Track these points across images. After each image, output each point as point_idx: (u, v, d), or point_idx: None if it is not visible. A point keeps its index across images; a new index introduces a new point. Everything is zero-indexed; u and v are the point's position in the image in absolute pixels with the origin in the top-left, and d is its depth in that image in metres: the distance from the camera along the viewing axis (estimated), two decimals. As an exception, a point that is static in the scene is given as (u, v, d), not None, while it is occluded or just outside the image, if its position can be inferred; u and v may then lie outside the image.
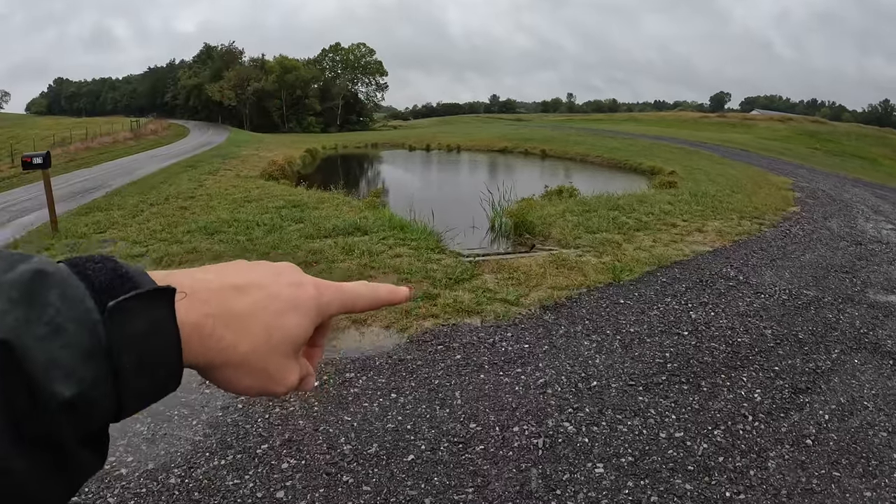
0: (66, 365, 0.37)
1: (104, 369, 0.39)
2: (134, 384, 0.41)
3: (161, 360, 0.43)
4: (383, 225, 10.48)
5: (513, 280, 7.39)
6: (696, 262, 8.70)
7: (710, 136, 47.73)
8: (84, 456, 0.40)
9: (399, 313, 6.22)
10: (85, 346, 0.38)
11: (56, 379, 0.36)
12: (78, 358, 0.38)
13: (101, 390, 0.39)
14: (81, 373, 0.38)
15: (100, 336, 0.39)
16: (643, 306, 6.69)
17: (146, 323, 0.42)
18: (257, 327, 0.50)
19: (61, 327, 0.37)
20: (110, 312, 0.40)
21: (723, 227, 11.20)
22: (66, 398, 0.37)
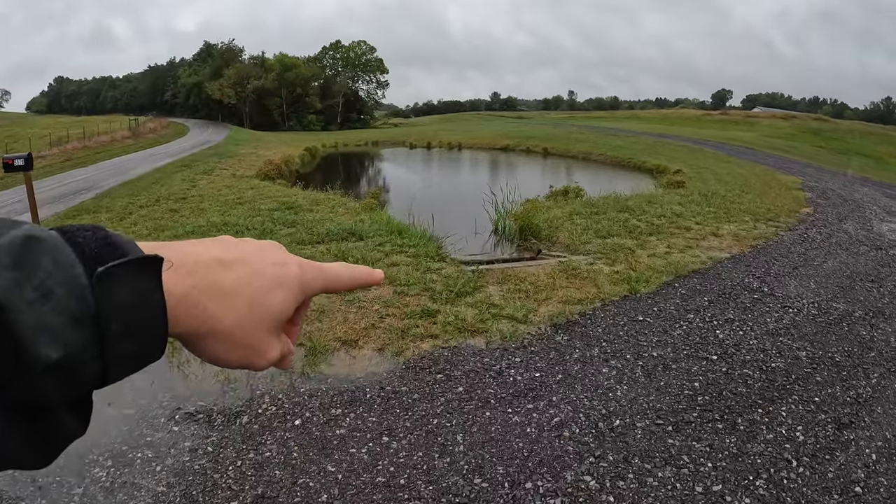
0: (55, 329, 0.37)
1: (92, 335, 0.40)
2: (120, 350, 0.42)
3: (147, 327, 0.43)
4: (380, 229, 9.87)
5: (520, 293, 6.76)
6: (715, 270, 8.09)
7: (714, 134, 47.18)
8: (68, 421, 0.41)
9: (395, 333, 5.62)
10: (74, 310, 0.39)
11: (43, 342, 0.37)
12: (66, 322, 0.38)
13: (88, 355, 0.40)
14: (69, 337, 0.38)
15: (88, 302, 0.39)
16: (664, 324, 6.05)
17: (134, 291, 0.42)
18: (242, 302, 0.51)
19: (51, 292, 0.38)
20: (98, 279, 0.40)
21: (738, 230, 10.61)
22: (52, 361, 0.37)
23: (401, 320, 5.95)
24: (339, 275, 0.61)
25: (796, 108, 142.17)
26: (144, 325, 0.43)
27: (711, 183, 17.90)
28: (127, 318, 0.41)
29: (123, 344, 0.42)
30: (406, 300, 6.48)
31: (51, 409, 0.39)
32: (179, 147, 36.54)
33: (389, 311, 6.17)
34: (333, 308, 6.28)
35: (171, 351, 5.35)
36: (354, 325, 5.83)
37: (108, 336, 0.40)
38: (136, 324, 0.42)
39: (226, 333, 0.50)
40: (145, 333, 0.43)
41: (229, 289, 0.50)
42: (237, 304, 0.50)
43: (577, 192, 15.78)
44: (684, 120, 74.69)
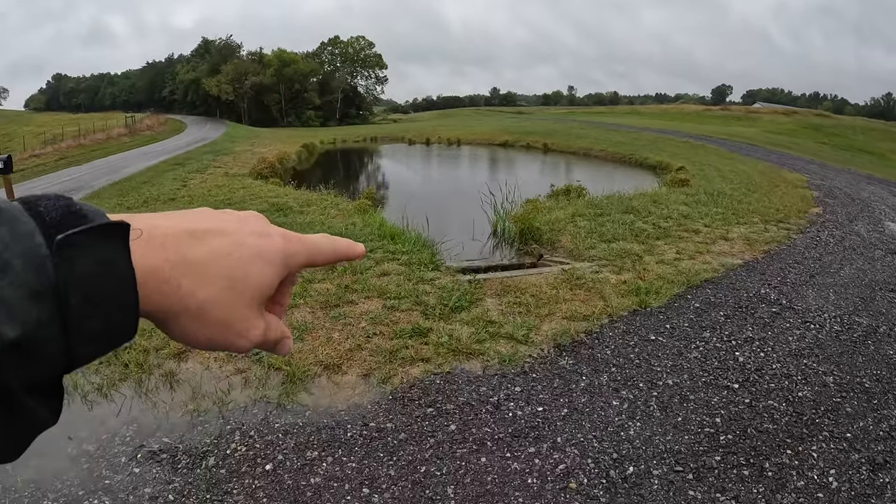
0: (11, 304, 0.35)
1: (51, 309, 0.37)
2: (84, 327, 0.38)
3: (114, 301, 0.40)
4: (372, 233, 9.37)
5: (520, 307, 6.24)
6: (728, 279, 7.58)
7: (715, 130, 46.77)
8: (34, 407, 0.38)
9: (383, 356, 5.10)
10: (32, 284, 0.36)
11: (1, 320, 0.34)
12: (23, 296, 0.35)
13: (48, 332, 0.37)
14: (26, 312, 0.35)
15: (48, 273, 0.37)
16: (679, 344, 5.53)
17: (97, 260, 0.39)
18: (218, 275, 0.46)
19: (8, 265, 0.35)
20: (58, 246, 0.37)
21: (749, 233, 10.11)
22: (10, 339, 0.34)
23: (390, 340, 5.43)
24: (322, 247, 0.55)
25: (796, 104, 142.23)
26: (110, 298, 0.39)
27: (716, 181, 17.45)
28: (90, 291, 0.38)
29: (87, 320, 0.38)
30: (396, 316, 5.96)
31: (11, 392, 0.36)
32: (175, 144, 36.12)
33: (378, 329, 5.65)
34: (317, 325, 5.78)
35: (138, 376, 4.89)
36: (339, 346, 5.32)
37: (69, 310, 0.37)
38: (100, 297, 0.39)
39: (201, 310, 0.45)
40: (111, 308, 0.39)
41: (204, 261, 0.45)
42: (214, 278, 0.46)
43: (579, 192, 15.23)
44: (685, 115, 74.41)
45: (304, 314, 6.08)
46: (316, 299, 6.43)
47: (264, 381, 4.75)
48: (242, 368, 4.97)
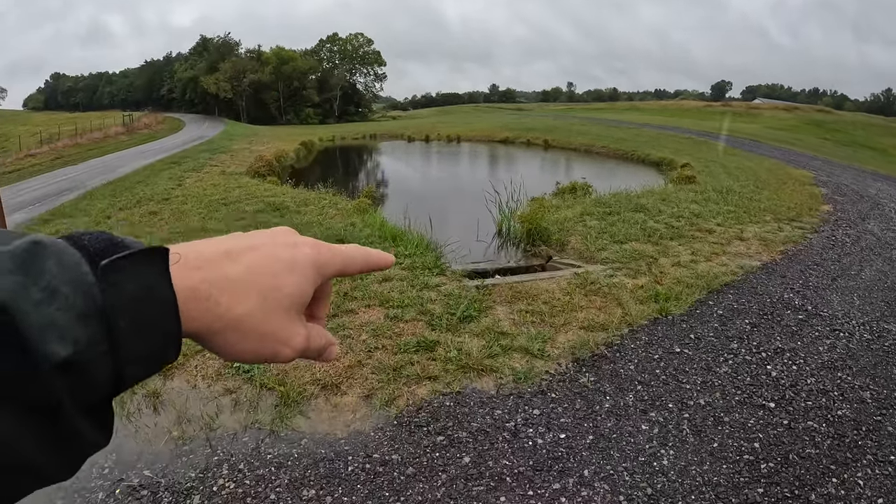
0: (62, 326, 0.37)
1: (99, 330, 0.38)
2: (130, 347, 0.40)
3: (157, 322, 0.42)
4: (372, 234, 8.95)
5: (533, 316, 5.80)
6: (749, 283, 7.17)
7: (716, 126, 46.25)
8: (85, 428, 0.39)
9: (386, 373, 4.68)
10: (80, 307, 0.38)
11: (51, 340, 0.36)
12: (73, 319, 0.37)
13: (97, 352, 0.38)
14: (76, 333, 0.37)
15: (95, 297, 0.39)
16: (706, 357, 5.09)
17: (140, 284, 0.41)
18: (254, 289, 0.48)
19: (57, 291, 0.37)
20: (103, 272, 0.39)
21: (763, 233, 9.73)
22: (61, 358, 0.36)
23: (393, 355, 4.99)
24: (353, 257, 0.56)
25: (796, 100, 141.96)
26: (154, 319, 0.41)
27: (722, 178, 17.09)
28: (135, 313, 0.40)
29: (133, 342, 0.40)
30: (400, 327, 5.53)
31: (65, 411, 0.37)
32: (173, 143, 35.69)
33: (380, 342, 5.22)
34: (315, 338, 5.36)
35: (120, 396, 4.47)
36: (338, 362, 4.89)
37: (117, 332, 0.39)
38: (145, 319, 0.41)
39: (242, 324, 0.47)
40: (156, 329, 0.42)
41: (240, 278, 0.47)
42: (250, 293, 0.47)
43: (585, 189, 14.81)
44: (684, 112, 74.03)
45: (301, 325, 5.66)
46: (313, 309, 6.01)
47: (256, 404, 4.34)
48: (232, 388, 4.56)
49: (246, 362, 0.50)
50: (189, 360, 5.05)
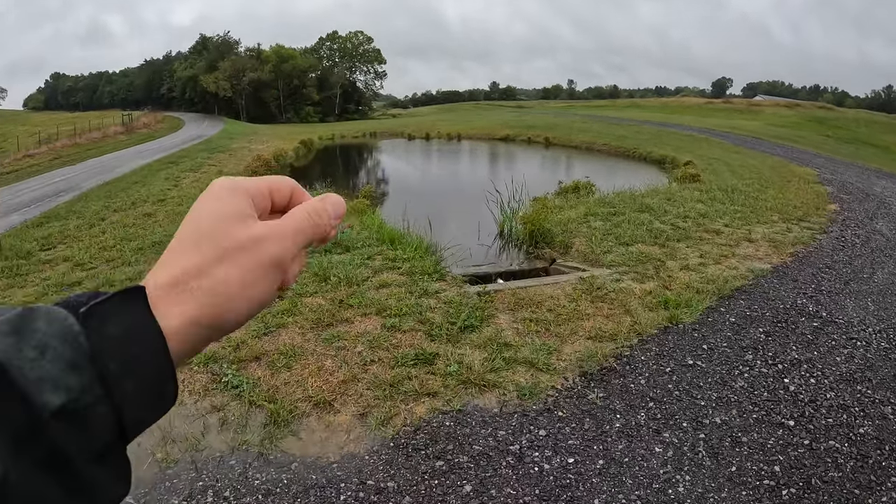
0: (54, 376, 0.38)
1: (91, 376, 0.40)
2: (125, 388, 0.41)
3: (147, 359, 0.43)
4: (370, 237, 8.66)
5: (537, 324, 5.53)
6: (760, 288, 6.91)
7: (718, 123, 46.07)
8: (99, 477, 0.40)
9: (382, 389, 4.41)
10: (68, 356, 0.39)
11: (46, 390, 0.38)
12: (63, 368, 0.39)
13: (92, 396, 0.40)
14: (68, 381, 0.39)
15: (82, 345, 0.40)
16: (721, 371, 4.82)
17: (122, 325, 0.42)
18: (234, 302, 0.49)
19: (47, 346, 0.39)
20: (84, 318, 0.41)
21: (771, 233, 9.47)
22: (56, 406, 0.38)
23: (390, 369, 4.73)
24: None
25: (797, 97, 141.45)
26: (144, 357, 0.43)
27: (726, 176, 16.84)
28: (123, 354, 0.42)
29: (126, 380, 0.41)
30: (397, 338, 5.26)
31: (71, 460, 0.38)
32: (172, 142, 35.42)
33: (376, 355, 4.96)
34: (307, 350, 5.09)
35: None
36: (331, 377, 4.64)
37: (108, 375, 0.41)
38: (134, 358, 0.42)
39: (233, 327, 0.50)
40: (147, 366, 0.43)
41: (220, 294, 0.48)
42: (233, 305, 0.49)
43: (588, 188, 14.52)
44: (685, 109, 73.71)
45: (294, 336, 5.39)
46: (307, 317, 5.74)
47: (244, 423, 4.08)
48: (220, 405, 4.31)
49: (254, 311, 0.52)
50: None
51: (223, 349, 5.17)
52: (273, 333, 5.47)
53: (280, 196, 0.57)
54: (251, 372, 4.78)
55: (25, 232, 10.96)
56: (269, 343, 5.29)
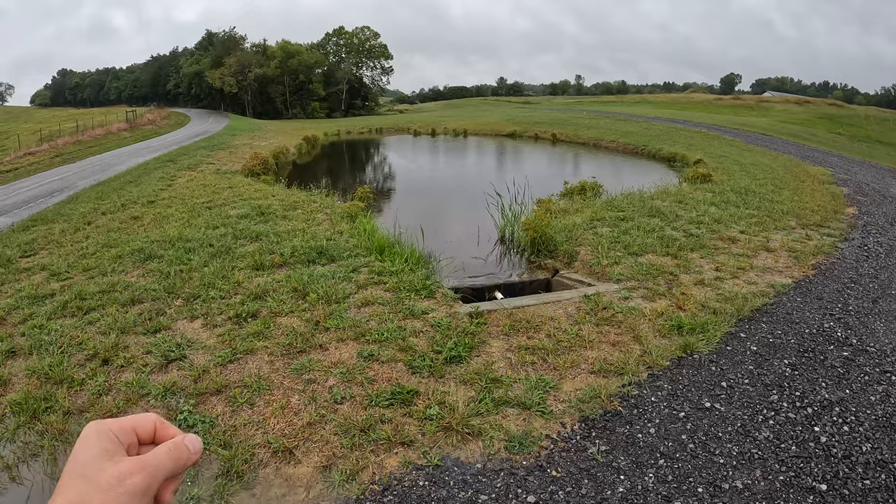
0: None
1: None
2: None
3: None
4: (358, 246, 8.08)
5: (534, 354, 4.91)
6: (783, 307, 6.27)
7: (727, 119, 45.38)
8: None
9: (352, 436, 3.81)
10: None
11: None
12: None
13: None
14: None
15: None
16: (743, 417, 4.17)
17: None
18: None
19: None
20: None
21: (791, 242, 8.82)
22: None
23: (363, 409, 4.12)
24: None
25: (806, 93, 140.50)
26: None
27: (738, 175, 16.16)
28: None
29: None
30: (374, 370, 4.66)
31: None
32: (174, 139, 35.03)
33: (349, 390, 4.36)
34: (274, 381, 4.51)
35: (53, 451, 3.71)
36: (296, 417, 4.05)
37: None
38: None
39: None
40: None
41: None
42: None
43: (595, 189, 13.84)
44: (695, 104, 72.96)
45: (261, 364, 4.82)
46: (278, 341, 5.17)
47: (195, 472, 3.51)
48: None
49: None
50: (131, 407, 4.28)
51: (184, 379, 4.63)
52: (240, 360, 4.92)
53: (144, 431, 0.69)
54: (210, 408, 4.22)
55: (10, 237, 10.56)
56: (233, 372, 4.72)
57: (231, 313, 5.83)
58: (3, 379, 4.79)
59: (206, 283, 6.74)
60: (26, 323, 5.91)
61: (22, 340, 5.49)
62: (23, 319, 6.04)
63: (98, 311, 6.15)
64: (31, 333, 5.61)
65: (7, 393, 4.61)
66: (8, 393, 4.60)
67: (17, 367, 5.01)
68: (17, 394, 4.52)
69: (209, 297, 6.31)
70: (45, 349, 5.23)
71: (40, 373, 4.79)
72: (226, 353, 4.99)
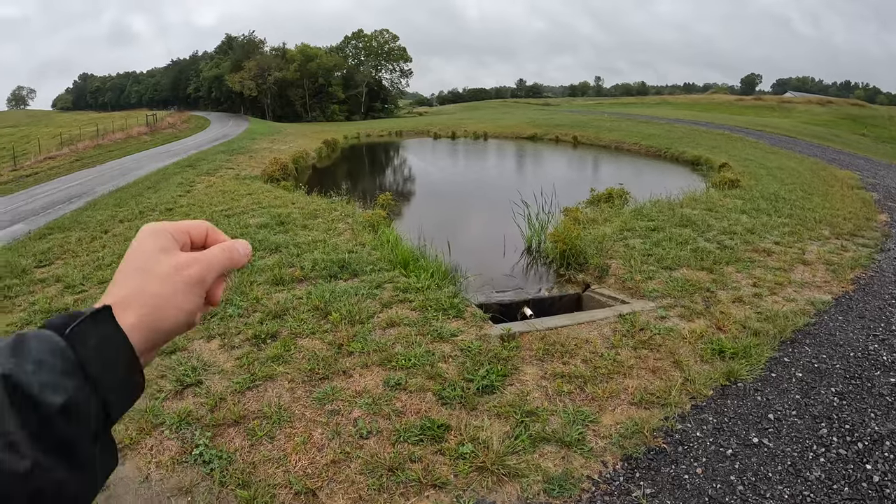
0: (54, 382, 0.51)
1: (80, 377, 0.53)
2: (106, 382, 0.56)
3: (118, 358, 0.58)
4: (382, 259, 7.82)
5: (570, 382, 4.63)
6: (825, 328, 5.93)
7: (750, 121, 44.85)
8: (97, 454, 0.54)
9: (379, 475, 3.55)
10: (60, 366, 0.52)
11: (48, 394, 0.50)
12: (59, 375, 0.52)
13: (84, 394, 0.53)
14: (64, 384, 0.52)
15: (69, 356, 0.53)
16: (792, 453, 3.85)
17: (98, 336, 0.57)
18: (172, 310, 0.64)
19: (42, 360, 0.52)
20: (69, 338, 0.55)
21: (827, 254, 8.47)
22: (59, 405, 0.50)
23: (390, 445, 3.86)
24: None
25: (828, 93, 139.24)
26: (115, 356, 0.57)
27: (765, 180, 15.80)
28: (101, 357, 0.55)
29: (106, 376, 0.56)
30: (402, 401, 4.39)
31: (76, 444, 0.51)
32: (194, 142, 35.13)
33: (375, 423, 4.10)
34: (295, 412, 4.27)
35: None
36: (319, 454, 3.80)
37: (93, 374, 0.54)
38: (109, 358, 0.56)
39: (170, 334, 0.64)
40: (118, 363, 0.57)
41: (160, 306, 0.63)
42: (171, 313, 0.63)
43: (622, 197, 13.49)
44: (716, 106, 72.40)
45: (281, 391, 4.58)
46: (299, 366, 4.92)
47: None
48: (188, 486, 3.56)
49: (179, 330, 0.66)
50: (144, 438, 4.03)
51: (200, 407, 4.39)
52: (259, 387, 4.67)
53: (197, 235, 0.72)
54: (227, 442, 3.98)
55: (26, 245, 10.45)
56: (252, 401, 4.48)
57: (249, 333, 5.59)
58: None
59: (223, 299, 6.52)
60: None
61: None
62: (35, 338, 5.85)
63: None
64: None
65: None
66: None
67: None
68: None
69: (226, 315, 6.08)
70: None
71: (52, 398, 4.59)
72: (244, 378, 4.76)
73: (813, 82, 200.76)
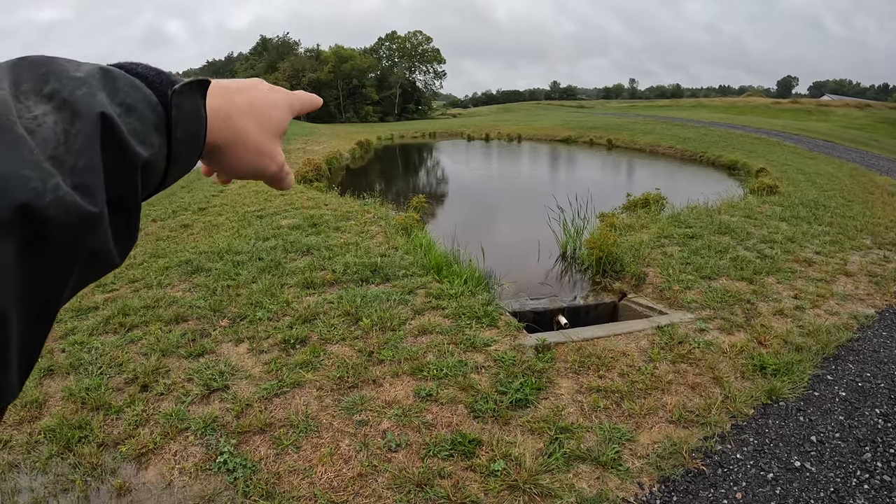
0: (142, 133, 0.48)
1: (165, 140, 0.51)
2: (181, 152, 0.54)
3: (197, 133, 0.56)
4: (414, 264, 7.71)
5: (607, 397, 4.47)
6: (868, 343, 5.69)
7: (787, 125, 43.98)
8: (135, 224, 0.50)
9: (407, 493, 3.42)
10: (153, 120, 0.50)
11: (137, 143, 0.47)
12: (149, 129, 0.49)
13: (162, 156, 0.51)
14: (152, 139, 0.49)
15: (160, 113, 0.51)
16: (835, 478, 3.65)
17: (192, 105, 0.55)
18: (254, 115, 0.66)
19: (132, 107, 0.48)
20: (174, 95, 0.52)
21: (869, 265, 8.19)
22: (144, 159, 0.48)
23: (419, 460, 3.74)
24: (305, 99, 0.77)
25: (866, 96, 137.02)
26: (196, 131, 0.56)
27: (804, 186, 15.40)
28: (186, 126, 0.54)
29: (183, 147, 0.54)
30: (433, 412, 4.27)
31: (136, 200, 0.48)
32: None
33: (405, 436, 3.98)
34: (322, 422, 4.16)
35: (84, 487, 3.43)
36: (346, 466, 3.69)
37: (174, 140, 0.52)
38: (190, 130, 0.55)
39: (245, 139, 0.64)
40: (196, 139, 0.56)
41: (245, 106, 0.65)
42: (251, 117, 0.65)
43: (659, 202, 13.26)
44: (752, 109, 71.41)
45: (310, 399, 4.48)
46: (328, 374, 4.82)
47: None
48: (211, 494, 3.45)
49: (240, 176, 0.66)
50: (169, 443, 3.96)
51: (226, 413, 4.30)
52: (286, 394, 4.57)
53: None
54: (253, 450, 3.88)
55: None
56: (279, 408, 4.38)
57: (279, 338, 5.50)
58: (40, 400, 4.54)
59: (253, 302, 6.44)
60: (68, 338, 5.65)
61: (62, 357, 5.24)
62: (64, 334, 5.79)
63: (141, 328, 5.87)
64: (72, 350, 5.36)
65: (42, 416, 4.35)
66: (43, 416, 4.35)
67: (54, 387, 4.76)
68: (52, 418, 4.26)
69: (256, 319, 6.00)
70: (85, 369, 4.98)
71: (77, 396, 4.53)
72: (272, 384, 4.67)
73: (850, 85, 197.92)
